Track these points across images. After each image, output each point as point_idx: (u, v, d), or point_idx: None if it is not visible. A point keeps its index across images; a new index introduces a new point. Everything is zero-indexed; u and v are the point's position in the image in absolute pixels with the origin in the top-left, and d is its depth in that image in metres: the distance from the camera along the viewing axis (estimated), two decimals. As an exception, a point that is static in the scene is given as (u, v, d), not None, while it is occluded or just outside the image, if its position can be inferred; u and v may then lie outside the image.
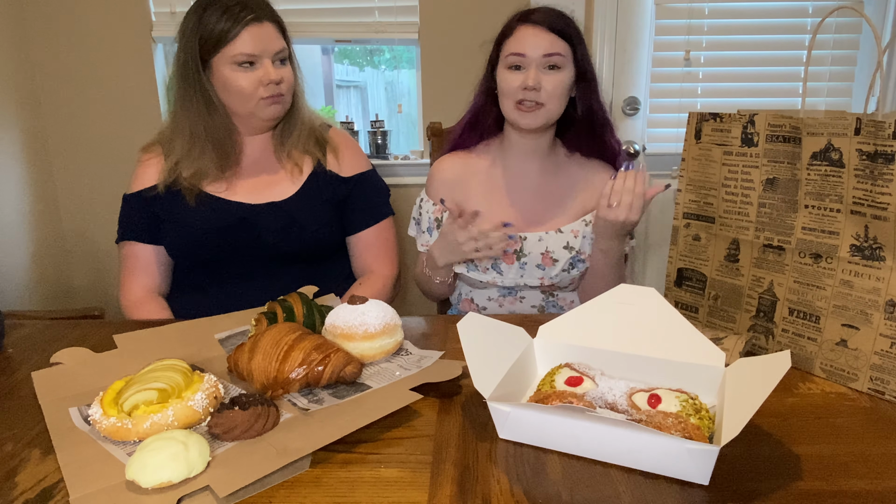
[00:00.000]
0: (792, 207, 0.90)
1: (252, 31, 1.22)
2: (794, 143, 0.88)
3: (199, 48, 1.23)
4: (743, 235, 0.96)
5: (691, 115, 0.99)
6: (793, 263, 0.90)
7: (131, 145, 1.50)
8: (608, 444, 0.67)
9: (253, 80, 1.24)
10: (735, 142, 0.94)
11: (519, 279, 1.31)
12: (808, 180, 0.87)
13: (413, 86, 2.40)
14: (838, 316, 0.86)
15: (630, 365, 0.82)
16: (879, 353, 0.82)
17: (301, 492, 0.64)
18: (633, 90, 2.17)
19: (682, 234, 1.04)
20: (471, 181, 1.35)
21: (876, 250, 0.81)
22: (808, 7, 2.12)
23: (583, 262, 1.32)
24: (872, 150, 0.79)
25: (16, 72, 2.12)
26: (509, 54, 1.23)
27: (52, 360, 0.93)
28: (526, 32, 1.22)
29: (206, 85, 1.26)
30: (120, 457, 0.68)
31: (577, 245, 1.30)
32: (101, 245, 2.35)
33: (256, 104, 1.26)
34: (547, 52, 1.20)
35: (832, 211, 0.85)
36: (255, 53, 1.22)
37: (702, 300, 1.03)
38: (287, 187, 1.34)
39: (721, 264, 1.00)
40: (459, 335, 0.76)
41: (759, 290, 0.95)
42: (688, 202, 1.03)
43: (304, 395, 0.82)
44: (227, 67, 1.23)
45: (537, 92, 1.21)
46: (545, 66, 1.21)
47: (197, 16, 1.23)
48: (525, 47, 1.21)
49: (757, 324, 0.96)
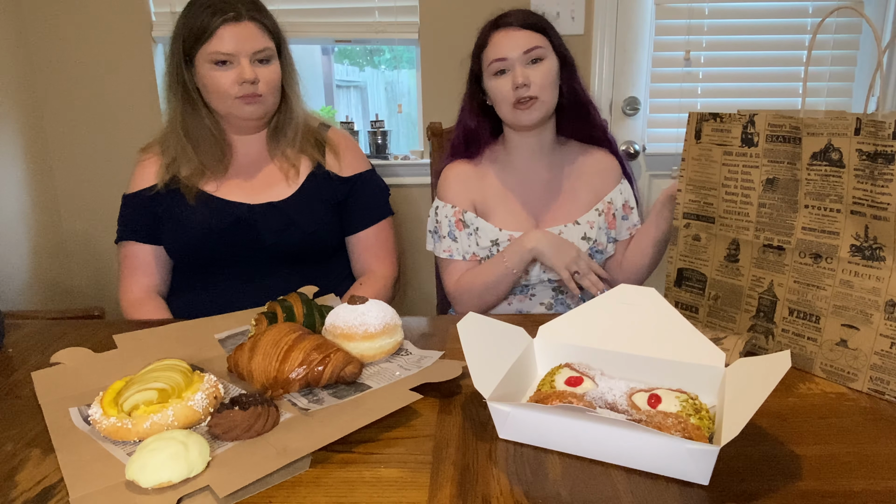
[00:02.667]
0: (792, 207, 0.90)
1: (229, 29, 1.21)
2: (794, 143, 0.88)
3: (182, 45, 1.24)
4: (743, 235, 0.96)
5: (691, 114, 0.99)
6: (793, 263, 0.90)
7: (131, 145, 1.49)
8: (608, 444, 0.67)
9: (228, 79, 1.23)
10: (735, 142, 0.94)
11: (542, 275, 1.32)
12: (808, 180, 0.87)
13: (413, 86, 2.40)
14: (838, 316, 0.86)
15: (630, 365, 0.82)
16: (879, 353, 0.82)
17: (301, 492, 0.64)
18: (633, 90, 2.17)
19: (682, 234, 1.04)
20: (483, 186, 1.36)
21: (876, 250, 0.81)
22: (808, 7, 2.12)
23: (601, 252, 1.35)
24: (872, 150, 0.79)
25: (16, 72, 2.12)
26: (491, 62, 1.25)
27: (52, 360, 0.93)
28: (501, 36, 1.25)
29: (188, 83, 1.26)
30: (120, 457, 0.68)
31: (593, 235, 1.33)
32: (101, 245, 2.35)
33: (232, 103, 1.26)
34: (526, 48, 1.23)
35: (832, 211, 0.85)
36: (231, 52, 1.22)
37: (702, 300, 1.03)
38: (285, 188, 1.34)
39: (721, 264, 0.99)
40: (459, 335, 0.76)
41: (759, 290, 0.95)
42: (688, 202, 1.03)
43: (304, 395, 0.82)
44: (206, 65, 1.23)
45: (528, 87, 1.23)
46: (528, 62, 1.24)
47: (184, 14, 1.24)
48: (504, 50, 1.24)
49: (757, 324, 0.96)
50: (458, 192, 1.35)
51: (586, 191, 1.37)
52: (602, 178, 1.37)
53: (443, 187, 1.38)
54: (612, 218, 1.37)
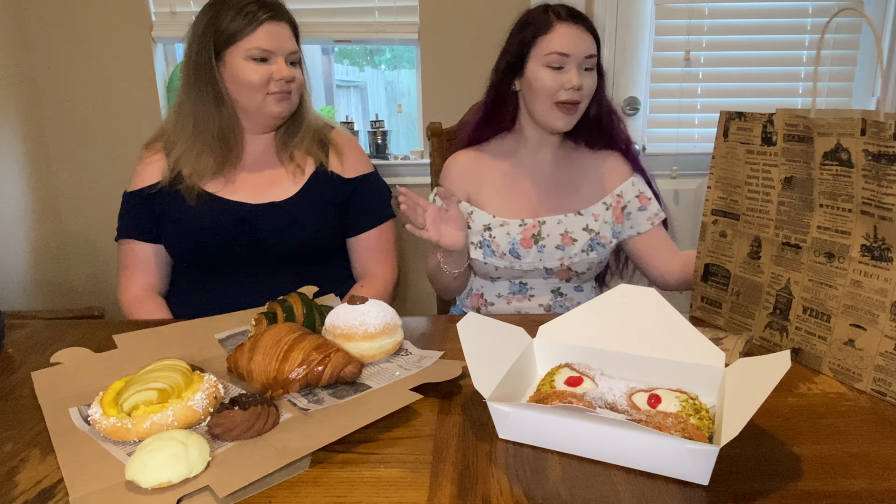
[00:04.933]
0: (808, 206, 0.90)
1: (269, 28, 1.25)
2: (807, 142, 0.88)
3: (213, 40, 1.25)
4: (764, 233, 0.97)
5: (722, 113, 1.01)
6: (808, 262, 0.91)
7: (131, 145, 1.49)
8: (608, 444, 0.67)
9: (264, 74, 1.25)
10: (756, 140, 0.95)
11: (538, 262, 1.32)
12: (822, 179, 0.87)
13: (413, 86, 2.40)
14: (848, 316, 0.86)
15: (630, 365, 0.82)
16: (883, 354, 0.82)
17: (301, 492, 0.64)
18: (633, 90, 2.17)
19: (710, 230, 1.06)
20: (485, 174, 1.36)
21: (884, 251, 0.81)
22: (808, 7, 2.12)
23: (602, 246, 1.33)
24: (876, 150, 0.79)
25: (16, 72, 2.12)
26: (551, 52, 1.22)
27: (52, 360, 0.93)
28: (569, 31, 1.22)
29: (216, 77, 1.27)
30: (120, 457, 0.68)
31: (597, 228, 1.32)
32: (101, 245, 2.35)
33: (264, 99, 1.27)
34: (588, 53, 1.22)
35: (844, 210, 0.85)
36: (271, 49, 1.25)
37: (725, 296, 1.04)
38: (288, 187, 1.34)
39: (744, 261, 1.00)
40: (459, 335, 0.76)
41: (777, 287, 0.95)
42: (716, 199, 1.04)
43: (304, 395, 0.82)
44: (241, 60, 1.25)
45: (579, 92, 1.22)
46: (585, 68, 1.23)
47: (215, 9, 1.26)
48: (570, 47, 1.21)
49: (773, 321, 0.96)
50: (454, 182, 1.37)
51: (591, 185, 1.36)
52: (609, 174, 1.37)
53: (444, 176, 1.40)
54: (620, 213, 1.36)
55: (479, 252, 1.33)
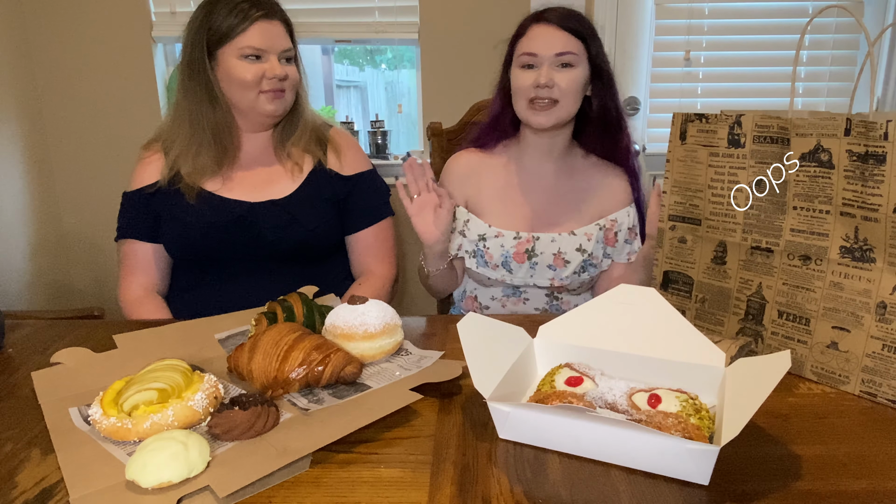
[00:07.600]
0: (780, 209, 0.89)
1: (262, 26, 1.25)
2: (781, 143, 0.87)
3: (206, 39, 1.25)
4: (730, 238, 0.95)
5: (675, 115, 0.98)
6: (781, 266, 0.89)
7: (131, 145, 1.49)
8: (608, 444, 0.67)
9: (256, 73, 1.25)
10: (721, 143, 0.93)
11: (528, 279, 1.31)
12: (797, 182, 0.86)
13: (413, 86, 2.40)
14: (829, 318, 0.85)
15: (630, 365, 0.82)
16: (871, 355, 0.82)
17: (301, 492, 0.64)
18: (633, 90, 2.17)
19: (667, 236, 1.03)
20: (484, 178, 1.36)
21: (866, 252, 0.81)
22: (808, 7, 2.12)
23: (594, 266, 1.33)
24: (863, 150, 0.78)
25: (16, 72, 2.12)
26: (522, 53, 1.24)
27: (52, 360, 0.93)
28: (538, 31, 1.23)
29: (210, 76, 1.27)
30: (120, 457, 0.68)
31: (589, 248, 1.31)
32: (100, 245, 2.35)
33: (257, 97, 1.27)
34: (559, 50, 1.21)
35: (821, 213, 0.84)
36: (263, 48, 1.25)
37: (689, 303, 1.02)
38: (287, 185, 1.34)
39: (708, 267, 0.98)
40: (459, 335, 0.76)
41: (748, 292, 0.94)
42: (673, 204, 1.01)
43: (304, 395, 0.82)
44: (233, 59, 1.25)
45: (550, 89, 1.21)
46: (558, 65, 1.22)
47: (207, 8, 1.26)
48: (537, 46, 1.22)
49: (746, 327, 0.95)
50: (454, 186, 1.36)
51: (589, 204, 1.34)
52: (610, 196, 1.34)
53: (444, 176, 1.39)
54: (612, 236, 1.34)
55: (472, 261, 1.33)
